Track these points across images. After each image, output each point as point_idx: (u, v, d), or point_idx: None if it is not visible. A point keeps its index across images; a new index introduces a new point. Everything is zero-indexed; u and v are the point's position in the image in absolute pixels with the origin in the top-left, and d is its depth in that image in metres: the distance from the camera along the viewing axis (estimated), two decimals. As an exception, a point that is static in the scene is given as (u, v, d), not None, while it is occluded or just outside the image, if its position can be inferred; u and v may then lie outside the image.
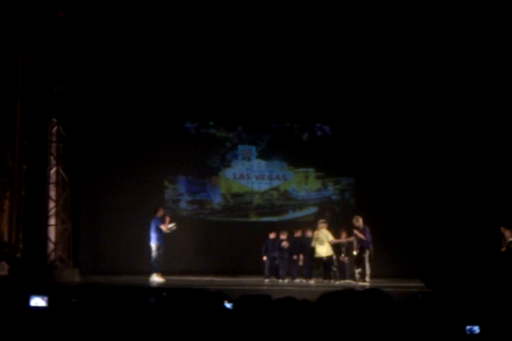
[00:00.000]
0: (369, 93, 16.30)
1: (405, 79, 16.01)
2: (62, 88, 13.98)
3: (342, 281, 14.22)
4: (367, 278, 13.88)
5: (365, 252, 13.99)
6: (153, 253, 13.67)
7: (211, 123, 16.98)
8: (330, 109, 16.51)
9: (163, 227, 13.66)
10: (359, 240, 14.08)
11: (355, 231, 14.05)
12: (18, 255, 12.95)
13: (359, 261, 14.04)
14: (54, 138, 14.03)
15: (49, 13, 13.44)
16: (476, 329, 4.38)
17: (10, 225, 12.76)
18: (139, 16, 14.61)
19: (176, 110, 16.51)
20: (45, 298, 4.73)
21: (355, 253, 14.19)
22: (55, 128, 14.03)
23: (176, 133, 16.80)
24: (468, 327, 4.38)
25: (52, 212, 13.81)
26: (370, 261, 14.01)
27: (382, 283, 13.84)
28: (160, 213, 13.94)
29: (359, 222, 14.18)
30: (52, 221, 13.79)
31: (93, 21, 14.21)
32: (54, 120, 14.05)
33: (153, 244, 13.70)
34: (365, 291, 2.97)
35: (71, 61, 14.01)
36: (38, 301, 4.75)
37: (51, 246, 13.63)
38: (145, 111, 16.24)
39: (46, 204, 13.71)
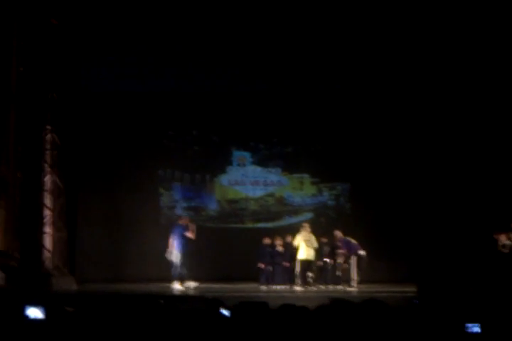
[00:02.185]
0: (362, 99, 16.32)
1: (399, 84, 16.04)
2: (56, 95, 13.98)
3: (333, 286, 14.24)
4: (354, 284, 13.95)
5: (351, 258, 14.08)
6: (177, 261, 13.84)
7: (206, 131, 16.98)
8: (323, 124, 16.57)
9: (189, 234, 13.85)
10: (346, 247, 14.24)
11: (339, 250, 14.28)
12: (14, 264, 12.92)
13: (349, 268, 14.15)
14: (48, 146, 14.02)
15: (42, 21, 13.45)
16: (476, 327, 4.38)
17: (5, 234, 12.73)
18: (130, 25, 14.61)
19: (171, 117, 16.50)
20: (42, 309, 4.72)
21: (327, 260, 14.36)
22: (49, 136, 14.02)
23: (171, 140, 16.80)
24: (468, 325, 4.38)
25: (48, 220, 13.79)
26: (359, 266, 14.11)
27: (377, 288, 13.87)
28: (183, 221, 14.27)
29: (337, 236, 14.33)
30: (47, 229, 13.77)
31: (86, 28, 14.22)
32: (48, 127, 14.04)
33: (177, 251, 13.85)
34: (363, 302, 3.00)
35: (65, 68, 14.01)
36: (34, 312, 4.74)
37: (47, 254, 13.60)
38: (140, 118, 16.22)
39: (41, 213, 13.68)
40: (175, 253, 13.90)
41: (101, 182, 15.98)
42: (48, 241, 13.68)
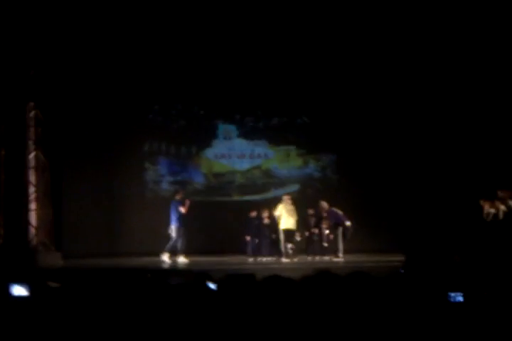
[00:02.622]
0: (347, 69, 16.23)
1: (384, 58, 15.97)
2: (39, 72, 13.80)
3: (320, 257, 14.34)
4: (340, 254, 14.07)
5: (337, 228, 14.18)
6: (174, 234, 14.01)
7: (191, 104, 16.89)
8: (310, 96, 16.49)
9: (182, 209, 13.95)
10: (333, 217, 14.27)
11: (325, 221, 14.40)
12: (0, 241, 12.90)
13: (334, 238, 14.23)
14: (32, 123, 13.90)
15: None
16: (459, 296, 4.40)
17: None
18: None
19: (156, 92, 16.38)
20: (26, 286, 4.70)
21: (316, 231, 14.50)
22: (32, 113, 13.88)
23: (156, 114, 16.72)
24: (451, 294, 4.41)
25: (33, 196, 13.73)
26: (344, 237, 14.20)
27: (364, 258, 13.99)
28: (179, 196, 14.38)
29: (323, 207, 14.37)
30: (33, 206, 13.72)
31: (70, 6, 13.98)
32: (31, 104, 13.90)
33: (173, 226, 14.02)
34: (348, 274, 3.02)
35: (47, 45, 13.82)
36: (18, 289, 4.72)
37: (33, 230, 13.57)
38: (125, 92, 16.09)
39: (26, 189, 13.62)
40: (172, 227, 14.01)
41: (86, 158, 15.89)
42: (33, 218, 13.64)
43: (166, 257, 13.87)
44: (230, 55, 15.94)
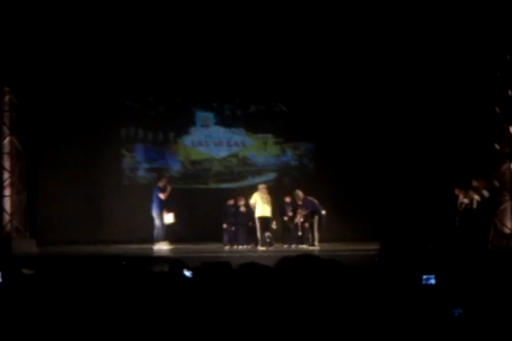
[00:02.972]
0: (325, 57, 16.21)
1: (363, 46, 15.95)
2: (14, 56, 13.63)
3: (296, 245, 14.38)
4: (316, 243, 14.14)
5: (313, 217, 14.24)
6: (156, 222, 14.03)
7: (169, 92, 16.78)
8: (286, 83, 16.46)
9: (161, 195, 14.04)
10: (309, 206, 14.31)
11: (299, 211, 14.35)
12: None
13: (310, 226, 14.26)
14: (7, 108, 13.74)
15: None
16: (432, 279, 4.44)
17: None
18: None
19: (134, 79, 16.23)
20: (0, 273, 4.67)
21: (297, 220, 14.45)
22: (7, 97, 13.73)
23: (133, 101, 16.59)
24: (424, 277, 4.44)
25: (7, 182, 13.60)
26: (320, 226, 14.27)
27: (340, 247, 14.08)
28: (161, 183, 14.48)
29: (299, 196, 14.38)
30: (7, 192, 13.60)
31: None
32: (6, 89, 13.74)
33: (155, 213, 14.09)
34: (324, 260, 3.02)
35: (22, 28, 13.63)
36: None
37: (7, 217, 13.46)
38: (102, 79, 15.92)
39: (0, 175, 13.49)
40: (153, 215, 14.10)
41: (62, 144, 15.72)
42: (7, 204, 13.53)
43: (163, 245, 13.89)
44: (209, 43, 15.83)
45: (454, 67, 15.25)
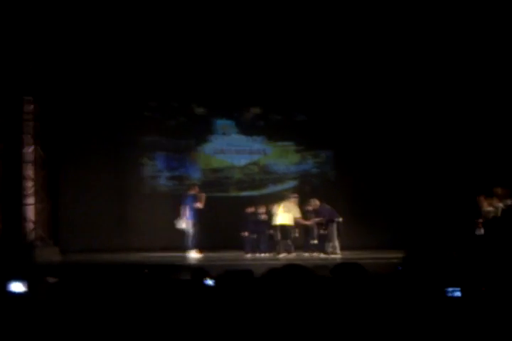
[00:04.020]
0: (345, 66, 16.20)
1: (381, 55, 15.93)
2: (37, 66, 13.77)
3: (318, 253, 14.30)
4: (337, 251, 14.06)
5: (332, 225, 14.18)
6: (190, 231, 14.02)
7: (189, 102, 16.85)
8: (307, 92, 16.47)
9: (198, 205, 14.04)
10: (327, 214, 14.24)
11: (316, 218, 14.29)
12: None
13: (330, 235, 14.18)
14: (30, 117, 13.88)
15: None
16: (457, 292, 4.39)
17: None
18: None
19: (156, 88, 16.33)
20: (24, 282, 4.69)
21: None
22: (31, 107, 13.86)
23: (154, 110, 16.69)
24: (449, 289, 4.39)
25: (31, 191, 13.72)
26: (338, 233, 14.19)
27: (361, 255, 13.98)
28: (194, 191, 14.43)
29: (315, 204, 14.32)
30: (30, 200, 13.70)
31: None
32: (29, 98, 13.88)
33: (190, 221, 14.09)
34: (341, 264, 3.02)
35: (45, 38, 13.79)
36: (16, 286, 4.71)
37: (30, 225, 13.56)
38: (123, 87, 16.04)
39: (24, 184, 13.60)
40: (188, 222, 14.04)
41: (84, 153, 15.85)
42: (31, 213, 13.63)
43: (193, 253, 13.93)
44: (229, 52, 15.90)
45: (479, 74, 15.19)
